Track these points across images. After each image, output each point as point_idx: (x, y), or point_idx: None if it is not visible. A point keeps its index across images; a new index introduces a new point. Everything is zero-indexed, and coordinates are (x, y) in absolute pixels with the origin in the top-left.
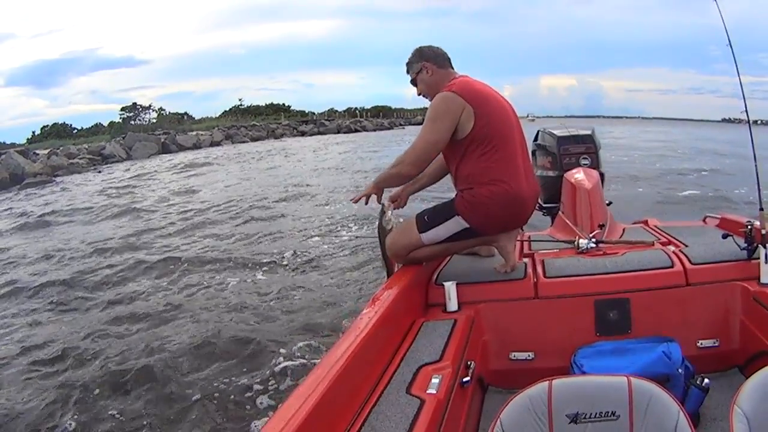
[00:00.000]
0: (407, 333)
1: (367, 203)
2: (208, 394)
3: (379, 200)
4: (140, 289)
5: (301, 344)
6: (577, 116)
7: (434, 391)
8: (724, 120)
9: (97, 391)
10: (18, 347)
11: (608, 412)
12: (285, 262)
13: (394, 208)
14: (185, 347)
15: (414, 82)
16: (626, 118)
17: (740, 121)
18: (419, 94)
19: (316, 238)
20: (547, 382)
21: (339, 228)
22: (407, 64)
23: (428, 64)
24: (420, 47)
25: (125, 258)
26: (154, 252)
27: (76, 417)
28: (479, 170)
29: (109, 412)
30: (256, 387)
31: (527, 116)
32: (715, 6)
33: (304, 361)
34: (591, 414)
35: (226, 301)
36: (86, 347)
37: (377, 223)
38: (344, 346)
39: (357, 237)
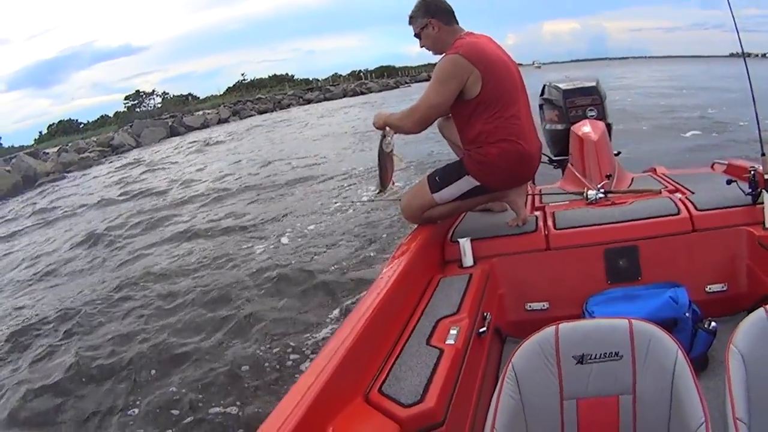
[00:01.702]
0: (426, 289)
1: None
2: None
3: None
4: (183, 254)
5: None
6: (582, 60)
7: (452, 342)
8: (732, 55)
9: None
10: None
11: (612, 353)
12: (312, 224)
13: (394, 132)
14: (252, 284)
15: (418, 36)
16: (632, 58)
17: (749, 55)
18: (422, 47)
19: (336, 203)
20: (554, 326)
21: (357, 189)
22: (411, 17)
23: (434, 21)
24: (425, 0)
25: (153, 234)
26: (184, 225)
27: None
28: (487, 131)
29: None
30: (313, 319)
31: (533, 63)
32: None
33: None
34: (596, 355)
35: (275, 254)
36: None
37: (378, 146)
38: (367, 303)
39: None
